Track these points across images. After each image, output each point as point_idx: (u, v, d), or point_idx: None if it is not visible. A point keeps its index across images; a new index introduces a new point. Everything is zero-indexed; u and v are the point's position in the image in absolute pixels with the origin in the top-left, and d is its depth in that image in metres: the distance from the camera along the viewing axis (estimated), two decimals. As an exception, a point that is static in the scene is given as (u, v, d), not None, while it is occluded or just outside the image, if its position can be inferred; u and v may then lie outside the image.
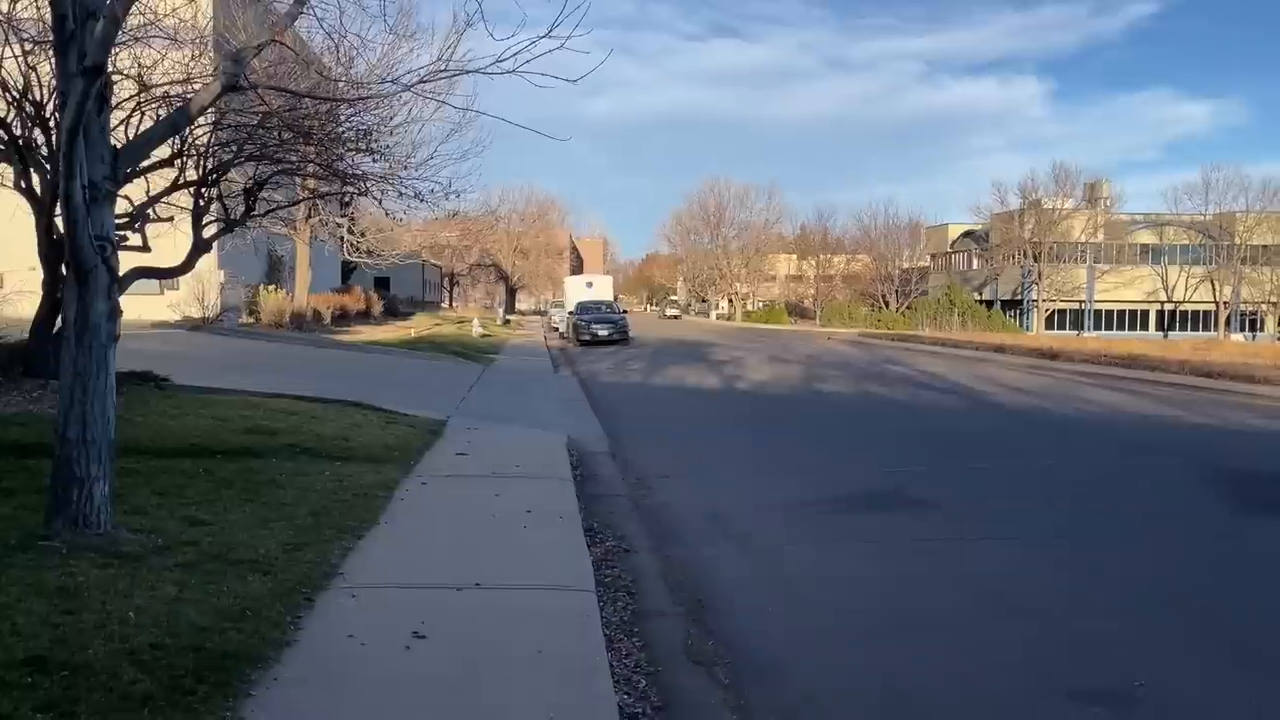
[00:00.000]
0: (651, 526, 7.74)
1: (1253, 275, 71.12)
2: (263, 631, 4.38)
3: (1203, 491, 9.27)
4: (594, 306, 40.56)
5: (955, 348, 36.19)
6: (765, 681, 4.67)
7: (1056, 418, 15.61)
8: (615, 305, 43.67)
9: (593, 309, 40.07)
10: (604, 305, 41.39)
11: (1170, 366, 23.65)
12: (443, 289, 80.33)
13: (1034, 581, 6.38)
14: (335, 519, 6.48)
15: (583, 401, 16.94)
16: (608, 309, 40.82)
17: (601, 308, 40.71)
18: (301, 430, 9.66)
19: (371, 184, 11.95)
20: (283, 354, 20.29)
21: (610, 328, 37.81)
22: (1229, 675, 4.74)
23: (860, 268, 78.65)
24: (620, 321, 38.86)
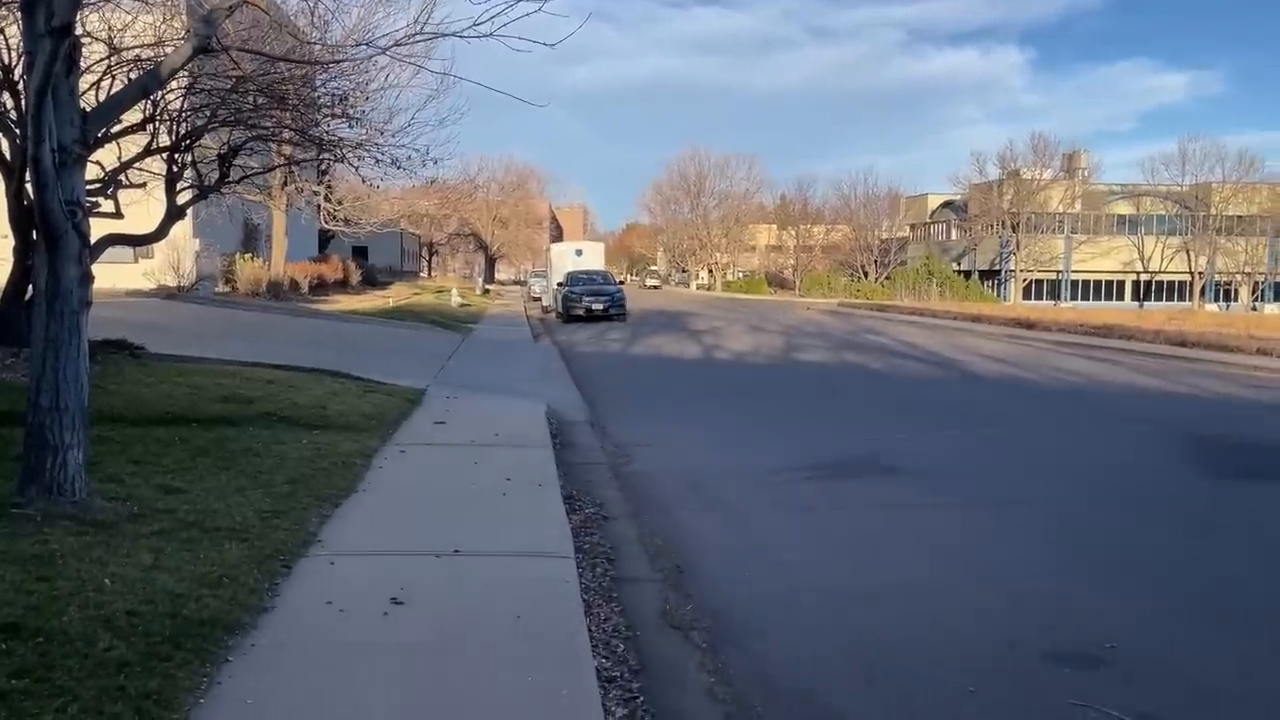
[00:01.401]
0: (630, 494, 7.77)
1: (1227, 246, 71.73)
2: (240, 598, 4.37)
3: (1175, 458, 9.39)
4: (586, 277, 34.67)
5: (933, 317, 36.35)
6: (742, 644, 4.71)
7: (1032, 386, 15.75)
8: (610, 276, 37.93)
9: (584, 280, 34.15)
10: (597, 276, 35.68)
11: (1145, 336, 23.87)
12: (421, 258, 79.79)
13: (1008, 546, 6.45)
14: (313, 487, 6.46)
15: (562, 371, 16.92)
16: (602, 280, 35.27)
17: (595, 279, 34.86)
18: (278, 399, 9.60)
19: (348, 150, 11.82)
20: (259, 323, 20.12)
21: (605, 301, 32.41)
22: (1198, 636, 4.82)
23: (840, 238, 78.74)
24: (617, 294, 33.22)
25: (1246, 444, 10.23)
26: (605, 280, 35.21)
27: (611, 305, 32.36)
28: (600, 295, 32.57)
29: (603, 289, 33.42)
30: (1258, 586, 5.65)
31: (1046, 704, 4.03)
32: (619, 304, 32.71)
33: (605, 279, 35.44)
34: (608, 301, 32.43)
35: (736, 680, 4.29)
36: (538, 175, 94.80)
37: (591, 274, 35.59)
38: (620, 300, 32.87)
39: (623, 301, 33.03)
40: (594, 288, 33.32)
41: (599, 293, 32.83)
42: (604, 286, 33.79)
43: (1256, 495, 7.98)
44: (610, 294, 32.94)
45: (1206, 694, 4.14)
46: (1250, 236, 71.62)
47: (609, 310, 32.02)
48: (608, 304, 32.35)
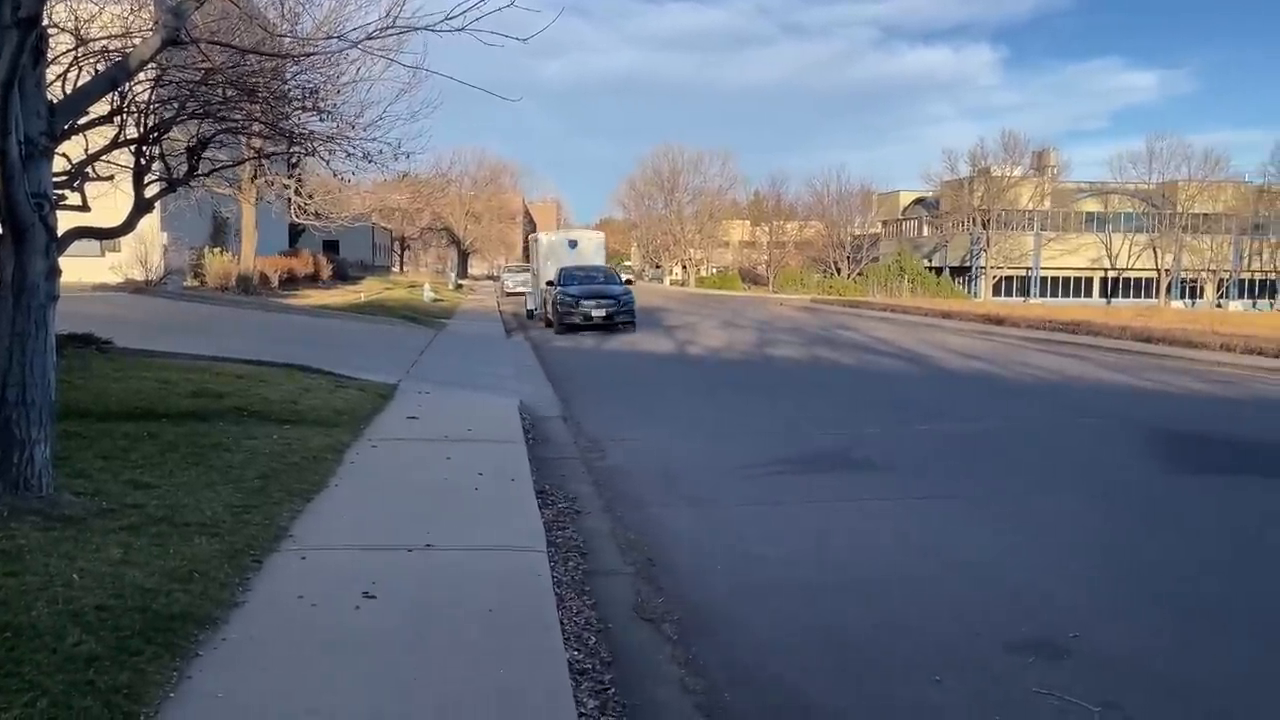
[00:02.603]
0: (603, 488, 7.80)
1: (1193, 243, 72.74)
2: (211, 593, 4.36)
3: (1139, 452, 9.54)
4: (583, 274, 27.38)
5: (905, 314, 36.62)
6: (713, 635, 4.75)
7: (1001, 381, 15.92)
8: (614, 273, 29.50)
9: (581, 278, 26.88)
10: (599, 273, 28.13)
11: (1112, 332, 24.17)
12: (394, 253, 79.36)
13: (975, 538, 6.54)
14: (284, 482, 6.43)
15: (536, 366, 16.92)
16: (604, 278, 27.52)
17: (596, 276, 27.47)
18: (249, 394, 9.54)
19: (318, 143, 11.72)
20: (229, 317, 19.96)
21: (610, 306, 25.15)
22: (1160, 626, 4.92)
23: (813, 234, 79.04)
24: (624, 297, 25.75)
25: (1209, 438, 10.41)
26: (608, 279, 27.52)
27: (618, 311, 25.06)
28: (603, 298, 25.24)
29: (605, 290, 25.89)
30: (1218, 577, 5.77)
31: (1010, 692, 4.10)
32: (627, 309, 25.37)
33: (608, 277, 27.67)
34: (613, 306, 25.07)
35: (707, 671, 4.34)
36: (511, 169, 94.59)
37: (590, 271, 27.99)
38: (629, 305, 25.53)
39: (631, 306, 25.67)
40: (594, 288, 25.94)
41: (601, 295, 25.43)
42: (607, 287, 26.27)
43: (1218, 489, 8.13)
44: (615, 296, 25.48)
45: (1167, 682, 4.23)
46: (1215, 234, 72.69)
47: (614, 317, 24.96)
48: (613, 309, 25.02)
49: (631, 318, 25.62)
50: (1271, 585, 5.64)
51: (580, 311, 24.93)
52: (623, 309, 25.33)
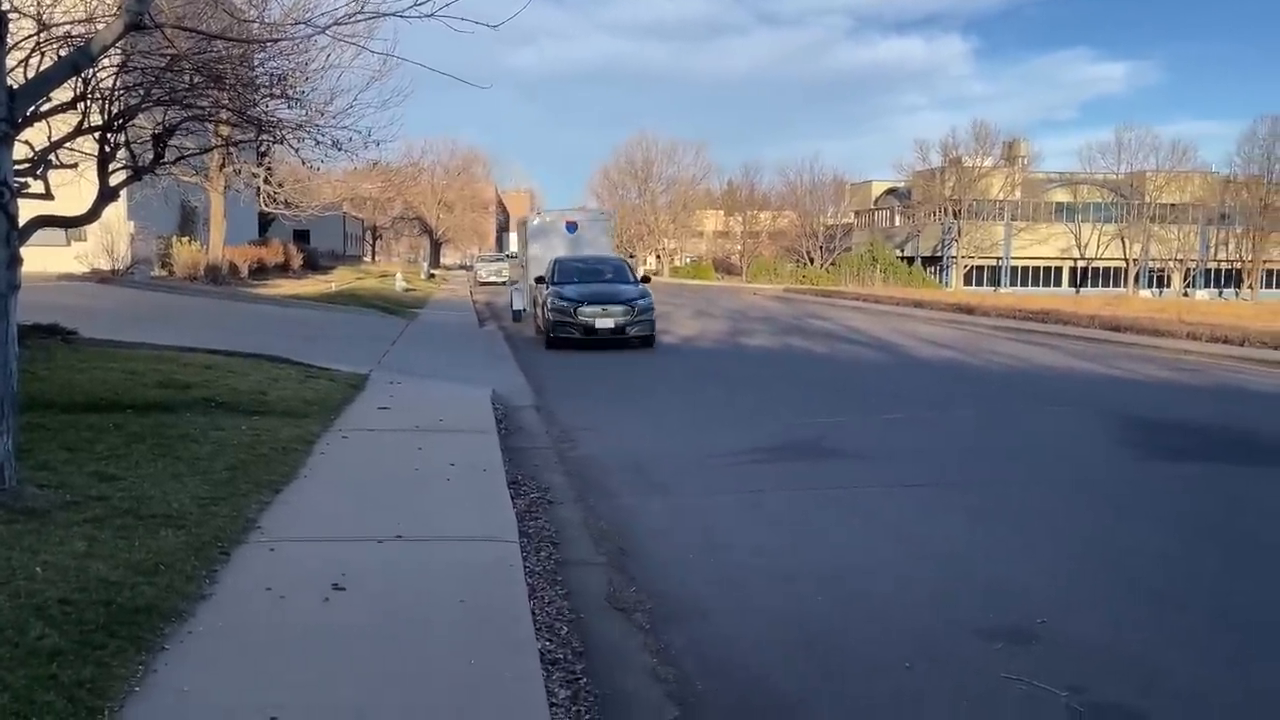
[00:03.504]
0: (576, 478, 7.78)
1: (1161, 233, 73.63)
2: (177, 585, 4.31)
3: (1107, 439, 9.65)
4: (585, 268, 20.57)
5: (877, 303, 36.82)
6: (685, 625, 4.76)
7: (971, 370, 16.05)
8: (626, 266, 21.70)
9: (583, 273, 20.14)
10: (606, 267, 20.99)
11: (1081, 321, 24.44)
12: (365, 243, 78.76)
13: (945, 526, 6.58)
14: (252, 473, 6.37)
15: (508, 357, 16.86)
16: (613, 273, 20.59)
17: (602, 271, 20.55)
18: (217, 384, 9.44)
19: (287, 131, 11.60)
20: (197, 308, 19.74)
21: (622, 314, 18.53)
22: (1126, 611, 4.97)
23: (786, 224, 79.24)
24: (640, 300, 19.03)
25: (1176, 425, 10.54)
26: (617, 274, 20.52)
27: (631, 322, 18.49)
28: (611, 303, 18.61)
29: (614, 292, 19.23)
30: (1182, 563, 5.85)
31: (979, 678, 4.14)
32: (644, 319, 18.74)
33: (617, 271, 20.74)
34: (624, 315, 18.45)
35: (678, 660, 4.34)
36: (483, 158, 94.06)
37: (594, 263, 21.21)
38: (646, 312, 18.84)
39: (650, 315, 18.95)
40: (599, 288, 19.26)
41: (609, 298, 18.83)
42: (616, 287, 19.56)
43: (1185, 475, 8.23)
44: (629, 301, 18.80)
45: (1134, 667, 4.28)
46: (1182, 224, 73.63)
47: (626, 330, 18.41)
48: (624, 319, 18.42)
49: (650, 330, 18.73)
50: (1237, 570, 5.72)
51: (579, 321, 18.14)
52: (638, 318, 18.41)
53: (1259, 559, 5.96)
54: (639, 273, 22.00)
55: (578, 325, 18.33)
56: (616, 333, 18.32)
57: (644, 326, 18.70)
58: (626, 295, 19.06)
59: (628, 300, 18.81)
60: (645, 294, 19.30)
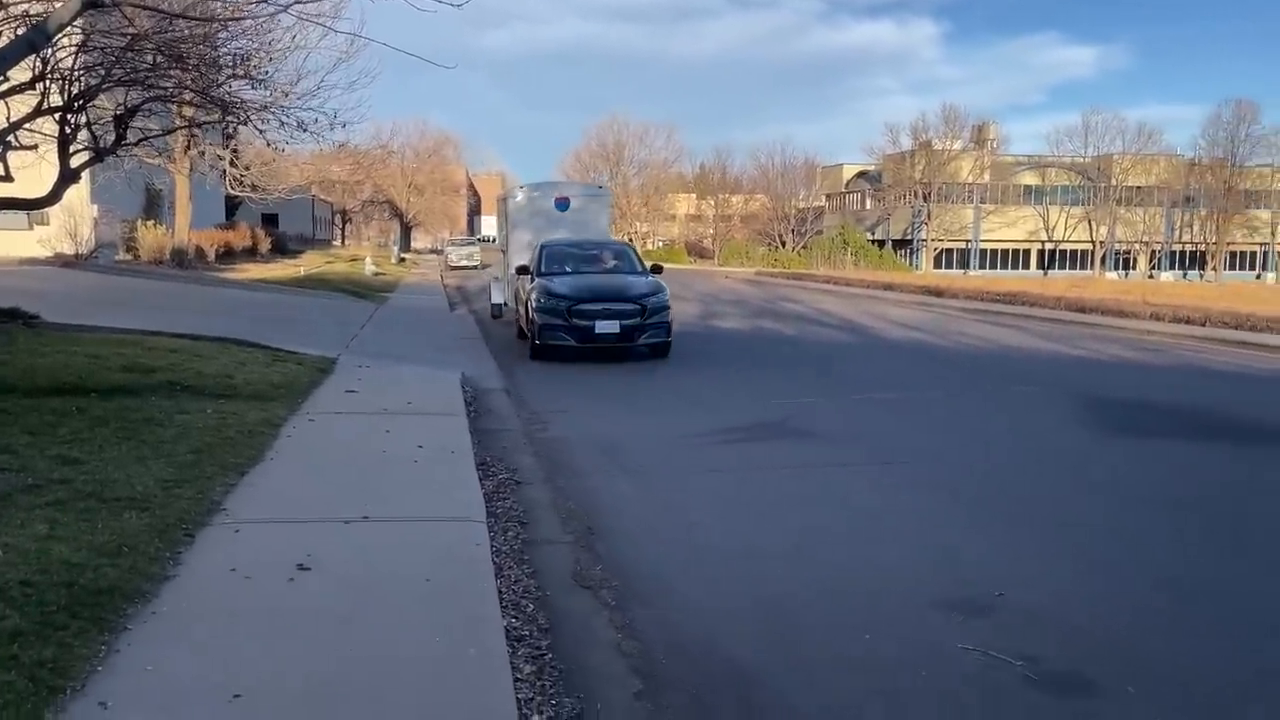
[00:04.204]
0: (545, 460, 7.81)
1: (1127, 216, 74.50)
2: (140, 567, 4.30)
3: (1070, 418, 9.80)
4: (579, 254, 16.57)
5: (848, 286, 37.05)
6: (650, 601, 4.81)
7: (939, 351, 16.21)
8: (631, 252, 17.45)
9: (577, 260, 16.25)
10: (606, 253, 17.02)
11: (1047, 303, 24.72)
12: (335, 226, 78.08)
13: (908, 503, 6.68)
14: (218, 456, 6.35)
15: (479, 340, 16.82)
16: (615, 261, 16.58)
17: (601, 258, 16.63)
18: (182, 368, 9.37)
19: (252, 112, 11.49)
20: (163, 292, 19.52)
21: (628, 315, 14.35)
22: (1082, 584, 5.08)
23: (758, 207, 79.34)
24: (652, 299, 14.68)
25: (1137, 404, 10.72)
26: (621, 262, 16.46)
27: (640, 325, 14.29)
28: (614, 301, 14.44)
29: (618, 286, 14.99)
30: (1138, 537, 5.96)
31: (937, 649, 4.22)
32: (657, 322, 14.46)
33: (621, 259, 16.63)
34: (632, 317, 14.29)
35: (643, 636, 4.39)
36: (454, 141, 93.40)
37: (592, 248, 17.01)
38: (659, 310, 14.52)
39: (664, 315, 14.59)
40: (598, 282, 15.13)
41: (613, 293, 14.69)
42: (619, 280, 15.46)
43: (1142, 452, 8.38)
44: (637, 298, 14.53)
45: (1087, 636, 4.38)
46: (1148, 207, 74.52)
47: (635, 335, 14.28)
48: (632, 322, 14.26)
49: (665, 335, 14.45)
50: (1190, 542, 5.85)
51: (574, 324, 13.99)
52: (650, 320, 14.21)
53: (1212, 532, 6.10)
54: (643, 262, 16.85)
55: (572, 329, 13.96)
56: (623, 339, 14.00)
57: (657, 331, 14.29)
58: (635, 290, 14.58)
59: (636, 297, 14.35)
60: (658, 289, 14.65)
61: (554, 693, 3.75)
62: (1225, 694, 3.86)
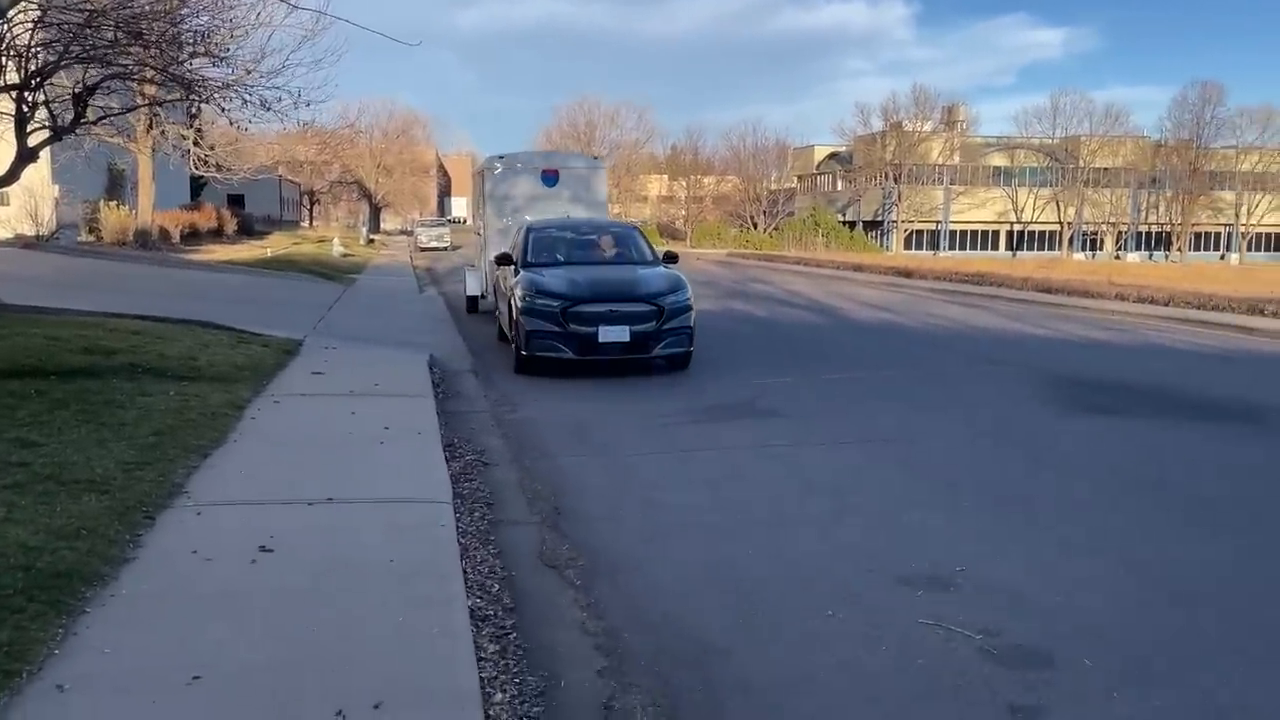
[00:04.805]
0: (512, 441, 7.80)
1: (1094, 197, 75.21)
2: (99, 550, 4.26)
3: (1034, 396, 9.91)
4: (573, 239, 13.15)
5: (818, 267, 37.19)
6: (615, 580, 4.83)
7: (907, 331, 16.32)
8: (636, 235, 13.68)
9: (570, 246, 12.89)
10: (608, 238, 13.32)
11: (1015, 283, 24.93)
12: (302, 207, 77.26)
13: (872, 480, 6.73)
14: (180, 438, 6.28)
15: (448, 321, 16.73)
16: (618, 248, 13.10)
17: (604, 244, 13.13)
18: (144, 350, 9.25)
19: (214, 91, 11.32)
20: (126, 273, 19.24)
21: (644, 316, 10.96)
22: (1040, 558, 5.14)
23: (730, 189, 79.38)
24: (670, 299, 11.20)
25: (1101, 383, 10.85)
26: (627, 249, 13.23)
27: (656, 331, 11.04)
28: (624, 298, 11.21)
29: (629, 278, 11.84)
30: (1098, 512, 6.05)
31: (898, 624, 4.27)
32: (677, 323, 11.24)
33: (627, 245, 13.33)
34: (646, 319, 11.04)
35: (608, 614, 4.41)
36: (423, 121, 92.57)
37: (590, 231, 13.74)
38: (680, 312, 11.29)
39: (686, 317, 11.36)
40: (602, 274, 11.99)
41: (619, 289, 11.43)
42: (630, 270, 12.31)
43: (1105, 430, 8.49)
44: (652, 294, 11.29)
45: (1044, 610, 4.44)
46: (1115, 188, 75.26)
47: (650, 344, 11.05)
48: (647, 324, 11.02)
49: (686, 343, 11.36)
50: (1146, 517, 5.94)
51: (572, 331, 10.87)
52: (668, 325, 11.07)
53: (1173, 508, 6.19)
54: (651, 246, 13.40)
55: (569, 337, 10.77)
56: (633, 349, 10.85)
57: (677, 339, 11.09)
58: (648, 286, 11.30)
59: (650, 295, 11.11)
60: (677, 284, 11.43)
61: (518, 671, 3.76)
62: (1181, 665, 3.94)
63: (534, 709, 3.49)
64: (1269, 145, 76.03)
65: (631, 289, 11.38)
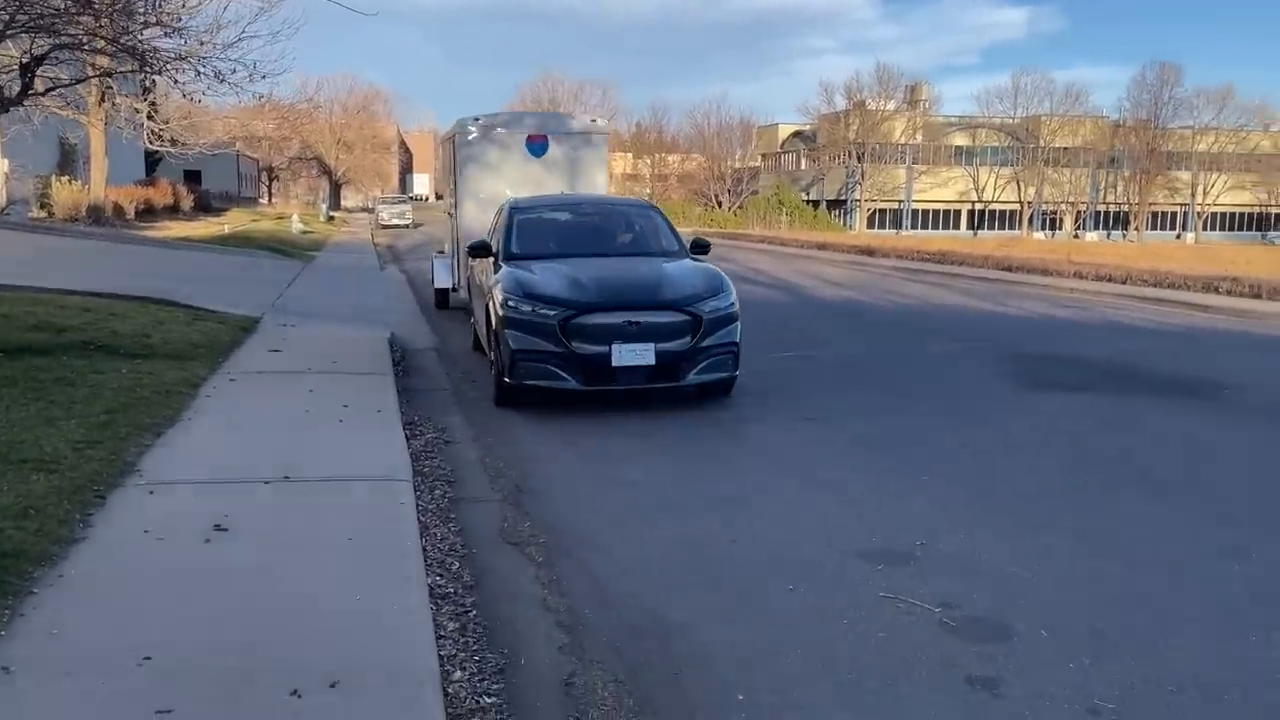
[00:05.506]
0: (474, 419, 7.74)
1: (1054, 176, 75.96)
2: (48, 529, 4.17)
3: (994, 373, 9.99)
4: (575, 220, 10.08)
5: (782, 245, 37.31)
6: (577, 557, 4.80)
7: (871, 310, 16.40)
8: (657, 218, 10.10)
9: (570, 229, 9.83)
10: (617, 222, 10.10)
11: (975, 262, 25.17)
12: (261, 184, 76.09)
13: (832, 456, 6.76)
14: (133, 416, 6.16)
15: (409, 299, 16.57)
16: (636, 235, 9.78)
17: (612, 230, 9.94)
18: (96, 327, 9.07)
19: (167, 62, 11.06)
20: (78, 250, 18.85)
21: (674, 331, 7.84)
22: (1001, 533, 5.18)
23: (694, 167, 79.22)
24: (712, 304, 8.09)
25: (1057, 359, 10.98)
26: (641, 237, 9.81)
27: (692, 350, 7.89)
28: (647, 306, 7.96)
29: (655, 278, 8.54)
30: (1057, 486, 6.11)
31: (858, 598, 4.29)
32: (719, 340, 8.07)
33: (640, 231, 9.90)
34: (678, 333, 7.89)
35: (569, 591, 4.39)
36: (384, 96, 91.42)
37: (592, 210, 10.46)
38: (723, 322, 8.13)
39: (730, 329, 8.20)
40: (615, 273, 8.54)
41: (638, 293, 8.18)
42: (650, 267, 8.93)
43: (1064, 405, 8.58)
44: (685, 300, 8.07)
45: (1001, 582, 4.48)
46: (1074, 168, 76.06)
47: (681, 366, 7.88)
48: (678, 343, 7.87)
49: (731, 367, 8.33)
50: (1103, 491, 6.01)
51: (576, 351, 7.78)
52: (708, 340, 8.03)
53: (1126, 481, 6.27)
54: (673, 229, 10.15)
55: (570, 360, 7.79)
56: (661, 376, 7.92)
57: (719, 361, 8.14)
58: (679, 287, 8.34)
59: (683, 300, 8.11)
60: (718, 284, 8.51)
61: (478, 649, 3.73)
62: (1137, 635, 3.98)
63: (494, 686, 3.47)
64: (1225, 126, 77.18)
65: (656, 291, 8.20)
